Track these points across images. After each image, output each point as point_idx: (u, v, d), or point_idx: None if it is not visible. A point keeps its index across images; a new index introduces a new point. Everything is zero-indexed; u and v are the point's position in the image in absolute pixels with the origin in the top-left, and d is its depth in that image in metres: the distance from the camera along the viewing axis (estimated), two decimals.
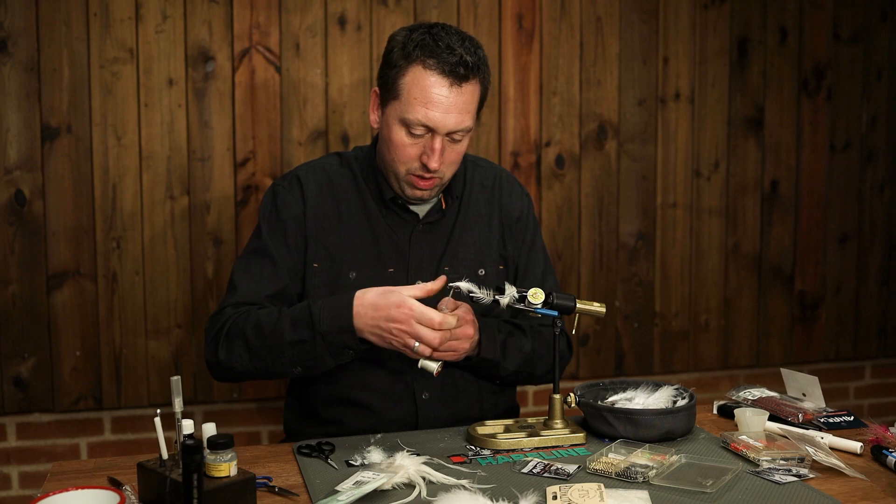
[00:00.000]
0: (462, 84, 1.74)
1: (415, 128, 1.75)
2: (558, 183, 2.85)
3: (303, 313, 1.70)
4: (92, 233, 2.53)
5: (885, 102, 3.13)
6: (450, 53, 1.72)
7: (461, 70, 1.73)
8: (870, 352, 3.21)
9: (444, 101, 1.73)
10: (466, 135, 1.80)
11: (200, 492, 1.25)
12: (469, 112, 1.77)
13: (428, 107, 1.73)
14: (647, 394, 1.75)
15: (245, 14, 2.58)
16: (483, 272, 1.92)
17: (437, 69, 1.73)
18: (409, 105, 1.74)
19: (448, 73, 1.73)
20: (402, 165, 1.80)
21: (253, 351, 1.75)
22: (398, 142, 1.78)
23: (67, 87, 2.49)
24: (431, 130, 1.75)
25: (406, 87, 1.75)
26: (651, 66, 2.90)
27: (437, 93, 1.73)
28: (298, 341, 1.70)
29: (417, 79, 1.73)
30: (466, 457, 1.61)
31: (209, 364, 1.83)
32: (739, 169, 3.02)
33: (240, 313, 1.79)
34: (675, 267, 2.98)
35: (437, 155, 1.75)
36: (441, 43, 1.73)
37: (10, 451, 2.55)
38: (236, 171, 2.60)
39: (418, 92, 1.73)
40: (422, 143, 1.77)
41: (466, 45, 1.75)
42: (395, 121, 1.77)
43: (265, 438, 2.72)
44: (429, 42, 1.73)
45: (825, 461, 1.53)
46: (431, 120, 1.73)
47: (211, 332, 1.82)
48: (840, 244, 3.14)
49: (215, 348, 1.79)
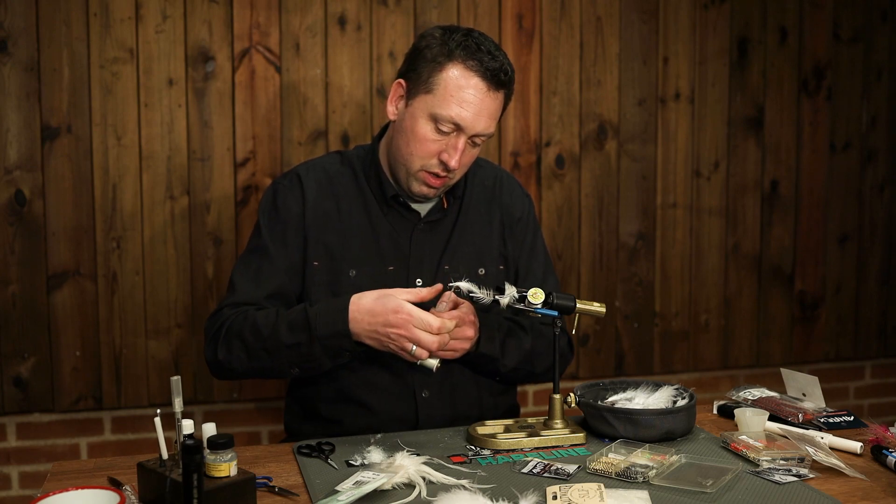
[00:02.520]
0: (498, 90, 1.78)
1: (444, 124, 1.76)
2: (558, 183, 2.85)
3: (299, 317, 1.71)
4: (92, 233, 2.53)
5: (885, 102, 3.13)
6: (491, 59, 1.75)
7: (501, 76, 1.77)
8: (870, 352, 3.21)
9: (479, 103, 1.75)
10: (485, 141, 1.83)
11: (200, 492, 1.25)
12: (495, 119, 1.81)
13: (462, 106, 1.75)
14: (647, 394, 1.75)
15: (245, 14, 2.58)
16: (483, 272, 1.92)
17: (478, 71, 1.75)
18: (444, 101, 1.75)
19: (489, 77, 1.75)
20: (419, 160, 1.80)
21: (251, 352, 1.76)
22: (422, 136, 1.78)
23: (67, 87, 2.49)
24: (459, 129, 1.77)
25: (443, 83, 1.75)
26: (651, 66, 2.90)
27: (474, 94, 1.75)
28: (295, 344, 1.71)
29: (457, 77, 1.75)
30: (466, 457, 1.61)
31: (209, 363, 1.86)
32: (739, 169, 3.02)
33: (238, 314, 1.80)
34: (675, 267, 2.98)
35: (458, 154, 1.77)
36: (483, 47, 1.76)
37: (10, 451, 2.55)
38: (236, 171, 2.60)
39: (455, 90, 1.75)
40: (445, 140, 1.78)
41: (503, 55, 1.79)
42: (424, 115, 1.78)
43: (265, 438, 2.72)
44: (471, 45, 1.76)
45: (825, 461, 1.53)
46: (464, 119, 1.75)
47: (210, 331, 1.84)
48: (840, 244, 3.14)
49: (214, 348, 1.82)
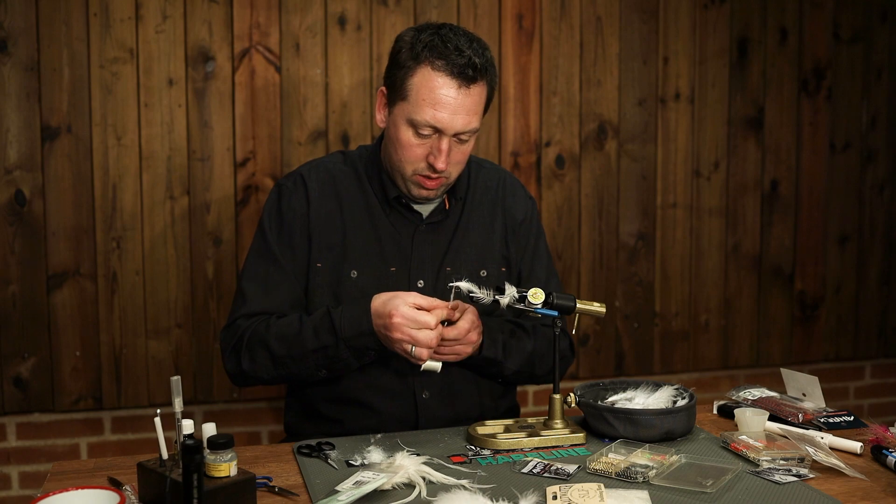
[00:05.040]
0: (470, 86, 1.75)
1: (422, 128, 1.75)
2: (558, 183, 2.85)
3: (324, 320, 1.74)
4: (92, 233, 2.53)
5: (885, 102, 3.13)
6: (458, 55, 1.73)
7: (469, 72, 1.73)
8: (870, 352, 3.21)
9: (453, 102, 1.74)
10: (473, 136, 1.81)
11: (200, 492, 1.25)
12: (476, 113, 1.78)
13: (436, 108, 1.73)
14: (647, 394, 1.75)
15: (245, 14, 2.58)
16: (485, 273, 1.92)
17: (445, 70, 1.73)
18: (418, 106, 1.74)
19: (457, 74, 1.73)
20: (408, 165, 1.80)
21: (277, 359, 1.78)
22: (405, 142, 1.78)
23: (67, 87, 2.49)
24: (439, 131, 1.76)
25: (414, 88, 1.75)
26: (651, 66, 2.90)
27: (446, 94, 1.73)
28: (321, 347, 1.74)
29: (426, 80, 1.74)
30: (466, 457, 1.60)
31: (232, 375, 1.87)
32: (739, 169, 3.02)
33: (256, 322, 1.81)
34: (675, 267, 2.98)
35: (443, 156, 1.76)
36: (450, 44, 1.74)
37: (10, 451, 2.55)
38: (236, 171, 2.60)
39: (427, 93, 1.73)
40: (429, 143, 1.77)
41: (475, 47, 1.76)
42: (403, 121, 1.77)
43: (265, 438, 2.72)
44: (437, 43, 1.74)
45: (825, 461, 1.53)
46: (439, 121, 1.74)
47: (228, 344, 1.85)
48: (840, 244, 3.14)
49: (237, 359, 1.82)
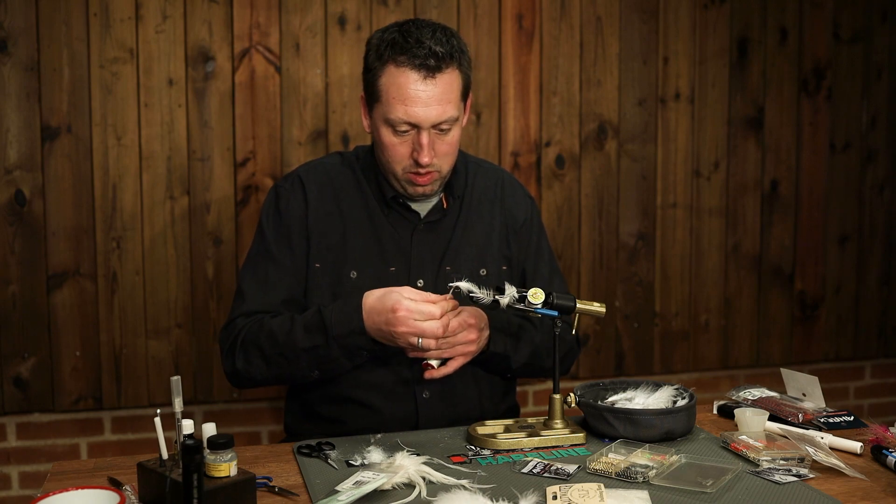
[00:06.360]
0: (436, 75, 1.74)
1: (399, 126, 1.76)
2: (558, 183, 2.85)
3: (314, 319, 1.73)
4: (92, 233, 2.53)
5: (885, 102, 3.13)
6: (419, 47, 1.72)
7: (432, 62, 1.73)
8: (870, 352, 3.21)
9: (422, 95, 1.73)
10: (454, 124, 1.79)
11: (200, 492, 1.25)
12: (450, 101, 1.76)
13: (406, 104, 1.73)
14: (647, 394, 1.75)
15: (245, 14, 2.58)
16: (485, 272, 1.92)
17: (408, 65, 1.73)
18: (390, 105, 1.75)
19: (419, 66, 1.73)
20: (397, 165, 1.81)
21: (269, 359, 1.78)
22: (388, 143, 1.79)
23: (67, 87, 2.49)
24: (416, 126, 1.76)
25: (384, 88, 1.76)
26: (651, 66, 2.90)
27: (414, 88, 1.73)
28: (312, 347, 1.72)
29: (392, 78, 1.74)
30: (466, 457, 1.60)
31: (228, 375, 1.87)
32: (739, 169, 3.01)
33: (252, 322, 1.81)
34: (675, 267, 2.98)
35: (426, 150, 1.76)
36: (410, 38, 1.73)
37: (10, 451, 2.55)
38: (236, 171, 2.60)
39: (395, 91, 1.74)
40: (409, 139, 1.78)
41: (437, 36, 1.75)
42: (381, 122, 1.78)
43: (265, 438, 2.72)
44: (399, 40, 1.74)
45: (825, 461, 1.53)
46: (412, 116, 1.74)
47: (226, 343, 1.85)
48: (840, 244, 3.14)
49: (233, 360, 1.83)
